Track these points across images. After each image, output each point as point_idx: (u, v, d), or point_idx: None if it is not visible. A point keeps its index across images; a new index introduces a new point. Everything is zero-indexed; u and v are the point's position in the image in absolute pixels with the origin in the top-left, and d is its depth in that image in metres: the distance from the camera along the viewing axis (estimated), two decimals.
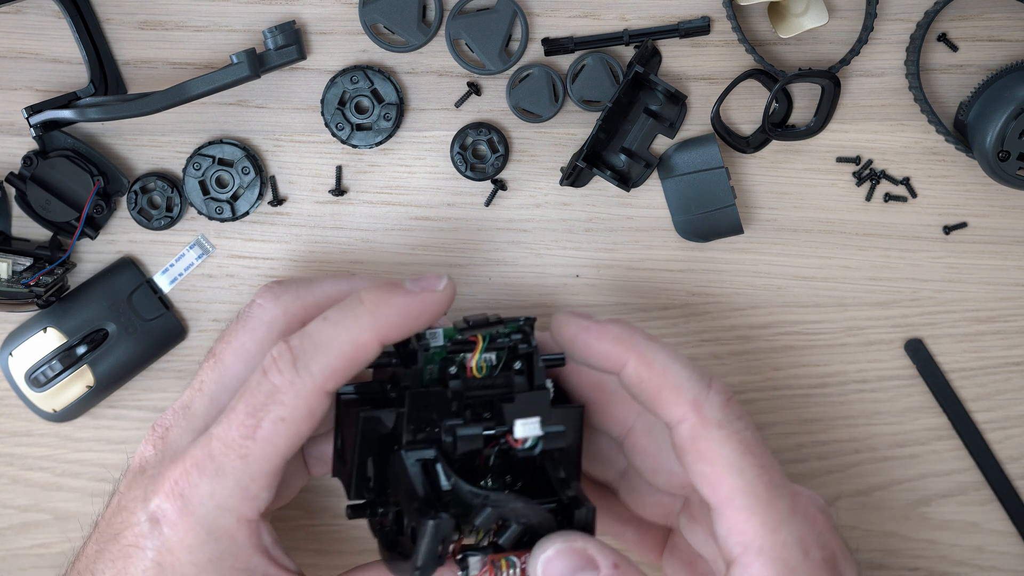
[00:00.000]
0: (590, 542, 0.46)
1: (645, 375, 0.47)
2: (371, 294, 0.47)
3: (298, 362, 0.46)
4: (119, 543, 0.47)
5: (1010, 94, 0.55)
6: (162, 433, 0.50)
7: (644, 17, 0.58)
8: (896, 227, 0.59)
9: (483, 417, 0.49)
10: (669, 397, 0.47)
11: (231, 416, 0.46)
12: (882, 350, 0.60)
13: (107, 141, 0.59)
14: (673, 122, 0.57)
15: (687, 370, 0.47)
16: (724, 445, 0.46)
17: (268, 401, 0.46)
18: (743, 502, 0.45)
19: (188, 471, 0.46)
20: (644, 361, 0.47)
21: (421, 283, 0.48)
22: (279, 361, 0.46)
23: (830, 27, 0.58)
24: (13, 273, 0.55)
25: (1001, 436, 0.60)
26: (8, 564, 0.60)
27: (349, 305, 0.47)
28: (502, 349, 0.49)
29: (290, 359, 0.46)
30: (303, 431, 0.46)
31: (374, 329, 0.46)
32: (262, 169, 0.59)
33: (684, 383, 0.47)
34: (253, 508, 0.47)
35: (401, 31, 0.58)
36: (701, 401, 0.46)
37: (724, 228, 0.58)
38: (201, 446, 0.46)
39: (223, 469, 0.46)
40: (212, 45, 0.58)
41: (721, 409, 0.46)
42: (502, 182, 0.59)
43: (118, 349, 0.58)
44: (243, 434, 0.46)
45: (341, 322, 0.47)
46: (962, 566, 0.61)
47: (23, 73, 0.58)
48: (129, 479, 0.50)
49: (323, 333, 0.47)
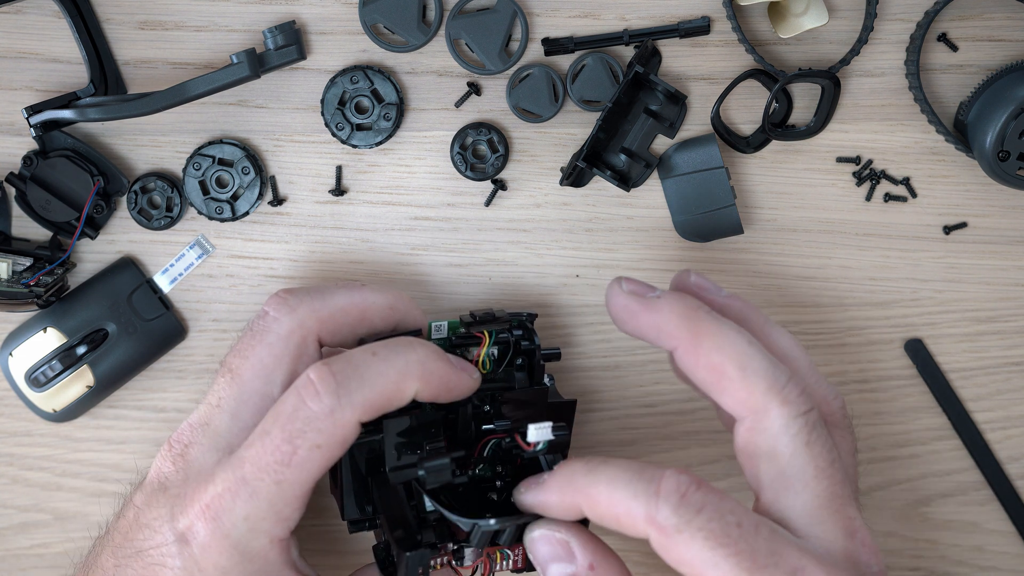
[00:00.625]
0: (576, 536, 0.46)
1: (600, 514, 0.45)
2: (422, 347, 0.48)
3: (341, 389, 0.46)
4: (142, 560, 0.47)
5: (1010, 94, 0.55)
6: (181, 451, 0.49)
7: (644, 17, 0.58)
8: (896, 227, 0.59)
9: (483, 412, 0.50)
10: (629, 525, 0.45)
11: (266, 441, 0.46)
12: (882, 350, 0.60)
13: (107, 141, 0.59)
14: (673, 122, 0.57)
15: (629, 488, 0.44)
16: (690, 546, 0.43)
17: (306, 428, 0.46)
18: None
19: (221, 494, 0.46)
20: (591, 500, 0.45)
21: (464, 365, 0.50)
22: (320, 386, 0.46)
23: (830, 27, 0.58)
24: (13, 273, 0.55)
25: (1001, 436, 0.60)
26: (8, 564, 0.60)
27: (400, 347, 0.48)
28: (504, 344, 0.50)
29: (334, 386, 0.46)
30: (335, 457, 0.47)
31: (418, 377, 0.47)
32: (262, 169, 0.59)
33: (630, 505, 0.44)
34: (285, 528, 0.47)
35: (401, 31, 0.58)
36: (653, 515, 0.44)
37: (724, 228, 0.58)
38: (233, 469, 0.46)
39: (258, 493, 0.46)
40: (212, 45, 0.58)
41: (674, 514, 0.44)
42: (502, 182, 0.59)
43: (118, 349, 0.58)
44: (279, 460, 0.46)
45: (391, 360, 0.47)
46: (962, 566, 0.61)
47: (23, 73, 0.58)
48: (147, 495, 0.49)
49: (370, 366, 0.47)
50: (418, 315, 0.53)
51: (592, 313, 0.59)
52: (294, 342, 0.50)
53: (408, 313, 0.52)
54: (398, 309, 0.52)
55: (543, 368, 0.51)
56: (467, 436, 0.50)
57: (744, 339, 0.46)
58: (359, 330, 0.51)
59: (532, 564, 0.49)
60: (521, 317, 0.51)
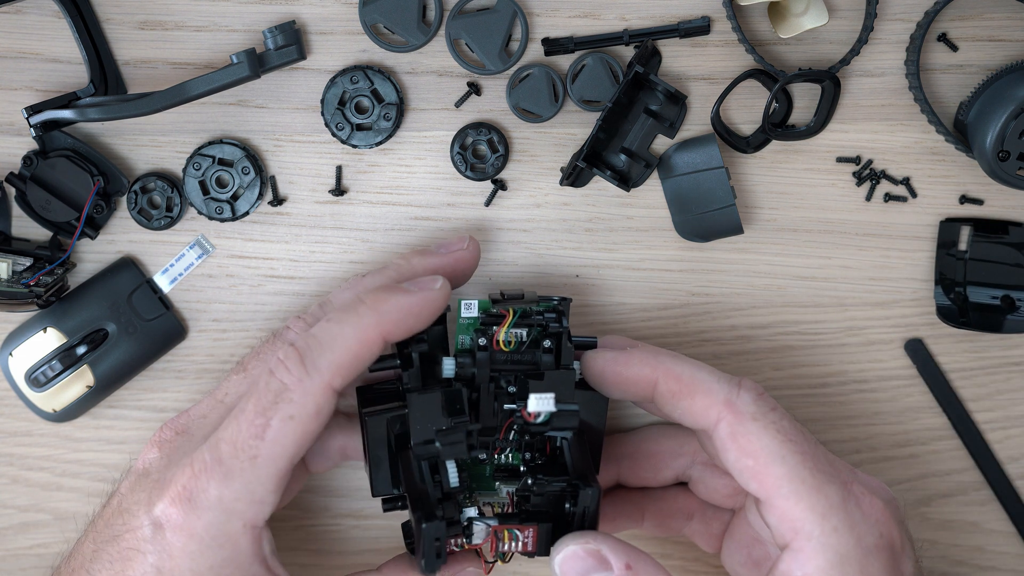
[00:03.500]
0: (604, 542, 0.47)
1: (675, 388, 0.49)
2: (372, 295, 0.48)
3: (306, 359, 0.47)
4: (118, 545, 0.47)
5: (1010, 94, 0.55)
6: (170, 437, 0.50)
7: (644, 17, 0.58)
8: (896, 227, 0.59)
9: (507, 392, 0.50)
10: (702, 402, 0.48)
11: (240, 417, 0.46)
12: (882, 350, 0.60)
13: (107, 141, 0.59)
14: (673, 122, 0.57)
15: (714, 374, 0.49)
16: (762, 436, 0.47)
17: (277, 399, 0.46)
18: (789, 489, 0.46)
19: (196, 475, 0.46)
20: (672, 375, 0.49)
21: (419, 283, 0.49)
22: (287, 360, 0.47)
23: (830, 27, 0.58)
24: (13, 273, 0.55)
25: (1001, 436, 0.60)
26: (8, 564, 0.60)
27: (351, 305, 0.48)
28: (534, 327, 0.50)
29: (297, 357, 0.47)
30: (311, 429, 0.47)
31: (378, 326, 0.47)
32: (262, 169, 0.59)
33: (714, 386, 0.48)
34: (259, 513, 0.47)
35: (401, 31, 0.58)
36: (733, 399, 0.48)
37: (724, 228, 0.58)
38: (209, 449, 0.46)
39: (232, 471, 0.46)
40: (212, 45, 0.58)
41: (754, 403, 0.48)
42: (502, 182, 0.59)
43: (118, 349, 0.58)
44: (252, 434, 0.46)
45: (345, 320, 0.47)
46: (962, 566, 0.61)
47: (23, 73, 0.58)
48: (132, 481, 0.50)
49: (328, 331, 0.47)
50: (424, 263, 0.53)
51: (592, 313, 0.59)
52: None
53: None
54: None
55: (572, 352, 0.50)
56: (490, 416, 0.50)
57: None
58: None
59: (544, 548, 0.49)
60: (553, 301, 0.51)
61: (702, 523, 0.56)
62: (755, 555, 0.53)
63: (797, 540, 0.46)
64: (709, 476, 0.55)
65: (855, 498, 0.47)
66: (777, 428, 0.47)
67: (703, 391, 0.48)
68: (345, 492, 0.60)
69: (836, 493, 0.46)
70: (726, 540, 0.55)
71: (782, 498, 0.46)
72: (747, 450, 0.47)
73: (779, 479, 0.46)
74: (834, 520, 0.46)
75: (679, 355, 0.50)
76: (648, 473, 0.56)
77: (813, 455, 0.47)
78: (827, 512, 0.46)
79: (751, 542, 0.53)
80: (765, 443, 0.47)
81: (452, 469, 0.49)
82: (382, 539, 0.61)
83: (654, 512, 0.56)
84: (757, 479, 0.47)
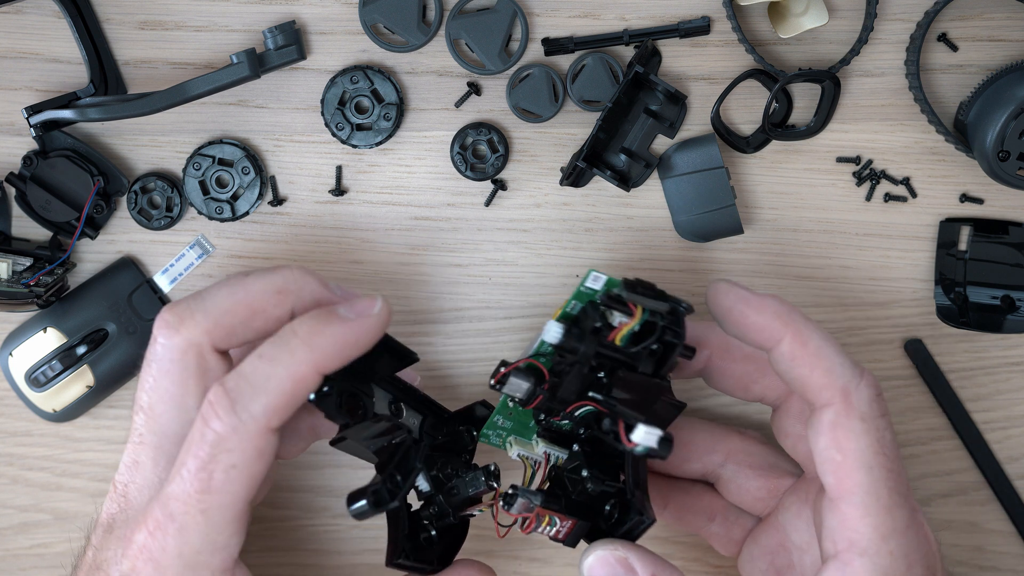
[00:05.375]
0: (632, 551, 0.47)
1: (799, 354, 0.47)
2: (304, 325, 0.46)
3: (237, 405, 0.45)
4: None
5: (1010, 94, 0.55)
6: (122, 490, 0.49)
7: (644, 17, 0.58)
8: (896, 227, 0.59)
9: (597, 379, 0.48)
10: (820, 379, 0.46)
11: (182, 472, 0.45)
12: (882, 350, 0.60)
13: (107, 141, 0.59)
14: (673, 122, 0.57)
15: (841, 356, 0.47)
16: (861, 439, 0.45)
17: (215, 451, 0.45)
18: (862, 500, 0.45)
19: (152, 533, 0.45)
20: (800, 339, 0.47)
21: (355, 308, 0.47)
22: (217, 407, 0.45)
23: (830, 27, 0.58)
24: (13, 273, 0.55)
25: (1001, 436, 0.60)
26: (8, 564, 0.60)
27: (283, 339, 0.46)
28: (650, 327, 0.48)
29: (228, 404, 0.45)
30: (257, 472, 0.45)
31: (311, 362, 0.45)
32: (262, 169, 0.59)
33: (837, 368, 0.46)
34: (225, 558, 0.46)
35: (401, 31, 0.58)
36: (851, 390, 0.46)
37: (724, 228, 0.58)
38: (160, 506, 0.45)
39: (186, 527, 0.45)
40: (212, 45, 0.58)
41: (868, 403, 0.46)
42: (502, 182, 0.59)
43: (118, 349, 0.58)
44: (198, 488, 0.45)
45: (277, 358, 0.45)
46: (962, 566, 0.61)
47: (23, 73, 0.58)
48: (100, 535, 0.49)
49: (259, 372, 0.45)
50: (314, 286, 0.48)
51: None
52: (190, 363, 0.48)
53: (302, 290, 0.48)
54: (288, 291, 0.48)
55: (675, 365, 0.49)
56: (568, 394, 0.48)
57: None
58: (257, 324, 0.48)
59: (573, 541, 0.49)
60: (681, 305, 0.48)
61: (723, 526, 0.55)
62: (778, 563, 0.52)
63: (849, 552, 0.45)
64: (743, 478, 0.54)
65: (917, 527, 0.46)
66: (879, 436, 0.46)
67: (824, 368, 0.46)
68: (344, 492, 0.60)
69: (904, 519, 0.45)
70: (748, 545, 0.54)
71: (852, 506, 0.45)
72: (841, 445, 0.46)
73: (858, 486, 0.45)
74: (893, 544, 0.45)
75: (812, 320, 0.48)
76: (676, 461, 0.55)
77: (898, 474, 0.46)
78: (889, 535, 0.45)
79: (776, 549, 0.53)
80: (862, 446, 0.45)
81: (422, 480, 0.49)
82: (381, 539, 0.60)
83: (677, 505, 0.55)
84: (837, 476, 0.46)
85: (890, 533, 0.45)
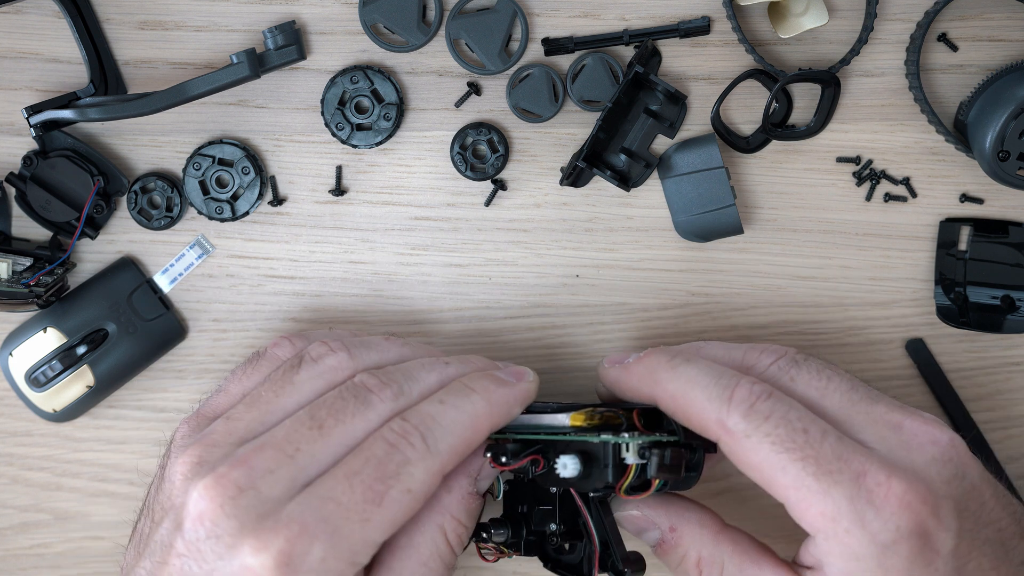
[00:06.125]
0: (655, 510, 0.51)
1: (672, 407, 0.49)
2: (478, 383, 0.49)
3: (427, 439, 0.46)
4: None
5: (1010, 94, 0.55)
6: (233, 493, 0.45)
7: (644, 17, 0.58)
8: (896, 227, 0.59)
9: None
10: (698, 422, 0.48)
11: (354, 479, 0.45)
12: (882, 350, 0.60)
13: (107, 141, 0.59)
14: (673, 122, 0.57)
15: (706, 390, 0.48)
16: (758, 451, 0.46)
17: (399, 471, 0.45)
18: (796, 496, 0.46)
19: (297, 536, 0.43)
20: (667, 394, 0.49)
21: (514, 373, 0.51)
22: (409, 436, 0.46)
23: (830, 27, 0.58)
24: (13, 273, 0.55)
25: (1001, 436, 0.60)
26: (8, 564, 0.60)
27: (461, 391, 0.49)
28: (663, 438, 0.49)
29: (419, 435, 0.46)
30: (417, 508, 0.46)
31: (488, 417, 0.48)
32: (262, 169, 0.59)
33: (705, 405, 0.48)
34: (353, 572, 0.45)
35: (401, 31, 0.58)
36: (723, 419, 0.47)
37: (724, 228, 0.58)
38: (309, 508, 0.44)
39: (339, 532, 0.44)
40: (212, 45, 0.58)
41: (743, 419, 0.47)
42: (502, 182, 0.59)
43: (118, 349, 0.58)
44: (368, 499, 0.45)
45: (461, 407, 0.48)
46: None
47: (23, 73, 0.58)
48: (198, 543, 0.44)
49: (445, 415, 0.47)
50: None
51: (592, 313, 0.59)
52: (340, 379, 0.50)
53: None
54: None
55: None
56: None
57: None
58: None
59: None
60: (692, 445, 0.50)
61: None
62: None
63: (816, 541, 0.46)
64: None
65: (866, 493, 0.45)
66: (772, 440, 0.46)
67: (696, 411, 0.48)
68: None
69: (842, 494, 0.45)
70: None
71: (793, 505, 0.46)
72: (751, 464, 0.47)
73: (786, 488, 0.46)
74: (844, 523, 0.45)
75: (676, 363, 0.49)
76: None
77: (816, 457, 0.46)
78: (836, 515, 0.45)
79: None
80: (763, 457, 0.46)
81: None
82: None
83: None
84: (770, 488, 0.47)
85: (836, 513, 0.45)
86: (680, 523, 0.51)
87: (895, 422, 0.48)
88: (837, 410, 0.48)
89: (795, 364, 0.50)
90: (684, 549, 0.51)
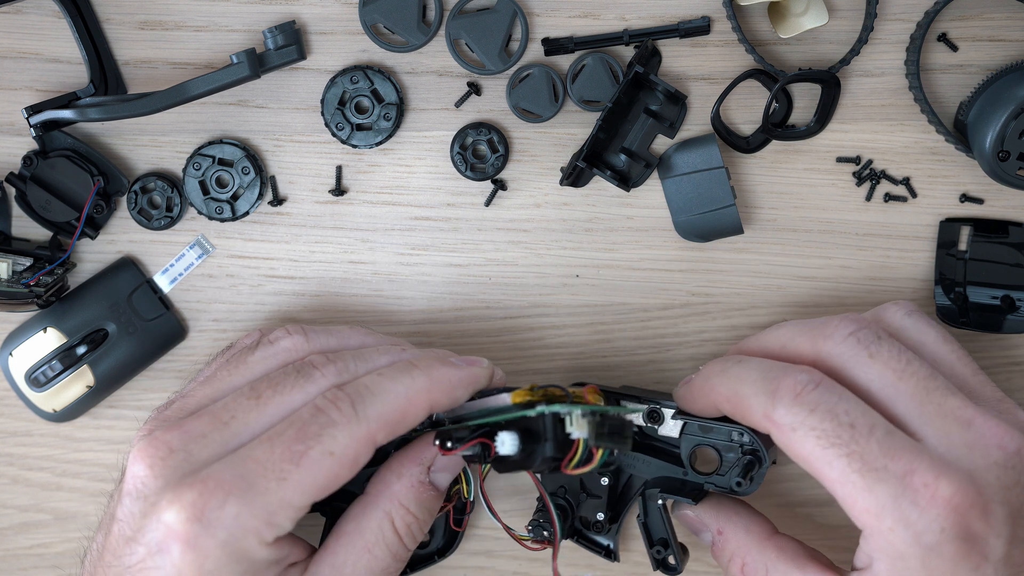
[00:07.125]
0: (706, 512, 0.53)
1: (730, 409, 0.50)
2: (424, 360, 0.49)
3: (356, 405, 0.46)
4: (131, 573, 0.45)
5: (1010, 94, 0.55)
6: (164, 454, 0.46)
7: (644, 17, 0.58)
8: (896, 227, 0.59)
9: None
10: (752, 420, 0.48)
11: (275, 440, 0.45)
12: None
13: (107, 141, 0.59)
14: (673, 122, 0.57)
15: (754, 386, 0.48)
16: (805, 445, 0.46)
17: (321, 432, 0.45)
18: (843, 492, 0.46)
19: (211, 492, 0.44)
20: (723, 398, 0.50)
21: (466, 359, 0.51)
22: (337, 401, 0.46)
23: (830, 27, 0.58)
24: (13, 273, 0.55)
25: None
26: (8, 564, 0.60)
27: (403, 366, 0.49)
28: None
29: (348, 401, 0.46)
30: (342, 475, 0.46)
31: (428, 392, 0.48)
32: (262, 169, 0.59)
33: (752, 402, 0.48)
34: (272, 534, 0.45)
35: (401, 31, 0.58)
36: (770, 413, 0.47)
37: (724, 228, 0.58)
38: (230, 466, 0.45)
39: (254, 489, 0.44)
40: (212, 45, 0.58)
41: (789, 412, 0.47)
42: (502, 182, 0.59)
43: (118, 349, 0.58)
44: (286, 458, 0.45)
45: (397, 378, 0.48)
46: None
47: (23, 73, 0.58)
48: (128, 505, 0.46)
49: (379, 384, 0.47)
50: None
51: (592, 313, 0.59)
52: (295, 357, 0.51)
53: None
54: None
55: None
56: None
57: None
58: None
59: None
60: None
61: None
62: None
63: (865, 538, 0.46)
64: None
65: (912, 493, 0.44)
66: (817, 434, 0.46)
67: (746, 409, 0.48)
68: None
69: (887, 492, 0.44)
70: None
71: (841, 499, 0.46)
72: (800, 456, 0.47)
73: (833, 483, 0.46)
74: (888, 521, 0.44)
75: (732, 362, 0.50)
76: None
77: (862, 453, 0.45)
78: (880, 512, 0.45)
79: None
80: (810, 451, 0.46)
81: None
82: None
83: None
84: (820, 480, 0.47)
85: (880, 511, 0.45)
86: (727, 527, 0.52)
87: (966, 418, 0.47)
88: (909, 397, 0.47)
89: (877, 340, 0.49)
90: (730, 553, 0.51)
